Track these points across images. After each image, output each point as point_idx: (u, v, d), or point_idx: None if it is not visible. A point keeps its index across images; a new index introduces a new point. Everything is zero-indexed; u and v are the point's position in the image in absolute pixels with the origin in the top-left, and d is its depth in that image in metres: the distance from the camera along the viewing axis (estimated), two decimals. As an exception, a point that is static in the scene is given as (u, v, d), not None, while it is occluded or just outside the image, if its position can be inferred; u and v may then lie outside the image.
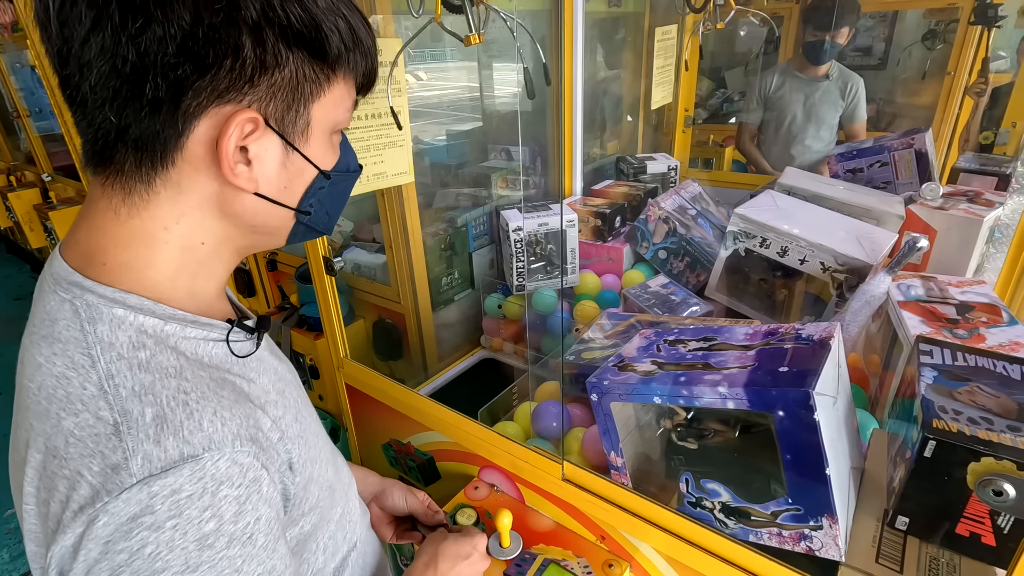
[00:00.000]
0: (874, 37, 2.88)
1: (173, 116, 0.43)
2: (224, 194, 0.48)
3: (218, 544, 0.42)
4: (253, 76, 0.44)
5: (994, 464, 0.55)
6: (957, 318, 0.95)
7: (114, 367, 0.43)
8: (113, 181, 0.46)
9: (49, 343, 0.45)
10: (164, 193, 0.47)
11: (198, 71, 0.42)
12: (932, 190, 1.31)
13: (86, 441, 0.42)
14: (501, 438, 0.98)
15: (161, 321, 0.47)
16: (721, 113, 3.31)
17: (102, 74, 0.42)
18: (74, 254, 0.48)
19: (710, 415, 0.82)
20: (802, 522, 0.68)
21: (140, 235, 0.47)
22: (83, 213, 0.49)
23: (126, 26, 0.40)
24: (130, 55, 0.41)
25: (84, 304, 0.45)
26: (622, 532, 0.86)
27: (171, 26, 0.40)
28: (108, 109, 0.43)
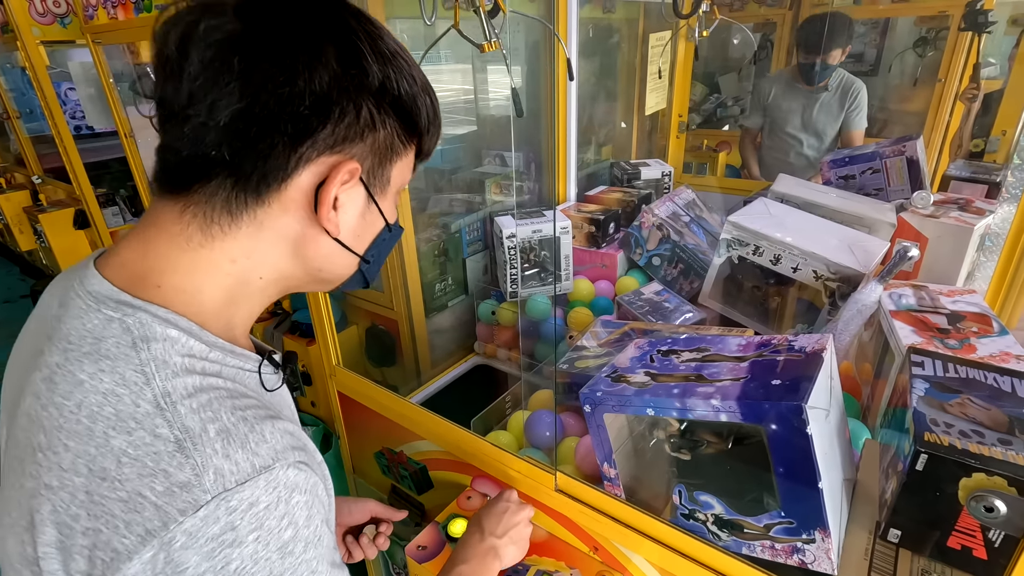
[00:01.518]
0: (866, 44, 2.90)
1: (287, 160, 0.47)
2: (304, 236, 0.51)
3: (297, 549, 0.44)
4: (363, 133, 0.50)
5: (985, 480, 0.56)
6: (948, 328, 0.95)
7: (170, 384, 0.43)
8: (195, 209, 0.48)
9: (94, 360, 0.44)
10: (246, 229, 0.49)
11: (323, 123, 0.47)
12: (923, 198, 1.32)
13: (144, 460, 0.41)
14: (494, 448, 0.98)
15: (206, 348, 0.48)
16: (715, 118, 3.33)
17: (233, 116, 0.45)
18: (120, 274, 0.48)
19: (704, 426, 0.82)
20: (795, 535, 0.68)
21: (205, 264, 0.49)
22: (142, 234, 0.50)
23: (274, 78, 0.45)
24: (269, 103, 0.45)
25: (137, 322, 0.46)
26: (615, 543, 0.86)
27: (312, 83, 0.45)
28: (225, 146, 0.46)
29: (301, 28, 0.46)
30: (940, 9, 2.48)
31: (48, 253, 2.99)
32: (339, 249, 0.53)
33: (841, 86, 2.12)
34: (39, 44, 2.57)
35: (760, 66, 3.12)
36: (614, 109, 2.33)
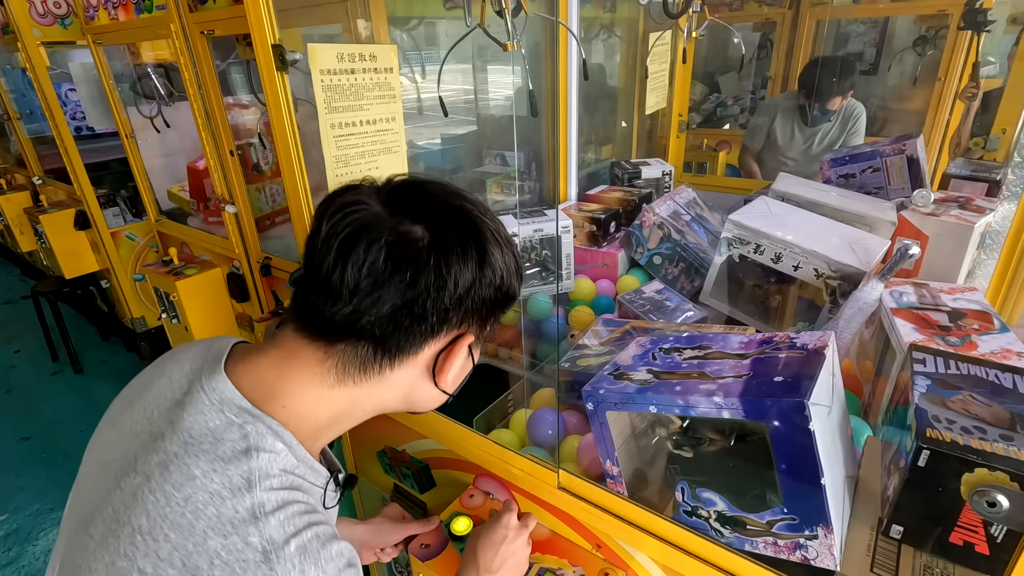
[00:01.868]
0: (865, 43, 2.90)
1: (424, 340, 0.59)
2: (415, 386, 0.63)
3: None
4: (485, 319, 0.63)
5: (987, 475, 0.56)
6: (949, 325, 0.95)
7: (266, 497, 0.50)
8: (335, 360, 0.58)
9: (210, 459, 0.51)
10: (372, 381, 0.59)
11: (460, 316, 0.59)
12: (923, 196, 1.32)
13: (233, 565, 0.47)
14: (496, 446, 0.98)
15: (299, 463, 0.56)
16: (715, 118, 3.33)
17: (394, 308, 0.55)
18: (253, 388, 0.56)
19: (706, 424, 0.83)
20: (797, 531, 0.68)
21: (328, 400, 0.59)
22: (282, 362, 0.58)
23: (433, 285, 0.55)
24: (426, 304, 0.56)
25: (254, 431, 0.53)
26: (618, 541, 0.86)
27: (457, 287, 0.57)
28: (376, 327, 0.56)
29: (448, 236, 0.56)
30: (939, 8, 2.49)
31: (49, 254, 2.99)
32: (438, 393, 0.65)
33: (842, 114, 2.13)
34: (40, 45, 2.57)
35: (760, 65, 3.12)
36: (614, 108, 2.33)
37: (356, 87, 1.13)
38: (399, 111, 1.22)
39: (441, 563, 0.91)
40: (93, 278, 3.16)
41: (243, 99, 2.25)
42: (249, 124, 2.18)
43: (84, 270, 3.05)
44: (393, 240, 0.54)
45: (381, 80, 1.17)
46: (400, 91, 1.22)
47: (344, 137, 1.14)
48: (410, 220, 0.56)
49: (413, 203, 0.57)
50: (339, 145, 1.13)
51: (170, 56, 1.81)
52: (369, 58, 1.14)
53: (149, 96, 2.40)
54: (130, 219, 2.99)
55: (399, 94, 1.21)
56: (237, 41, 1.77)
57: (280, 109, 1.07)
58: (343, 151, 1.14)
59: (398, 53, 1.19)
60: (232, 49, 1.96)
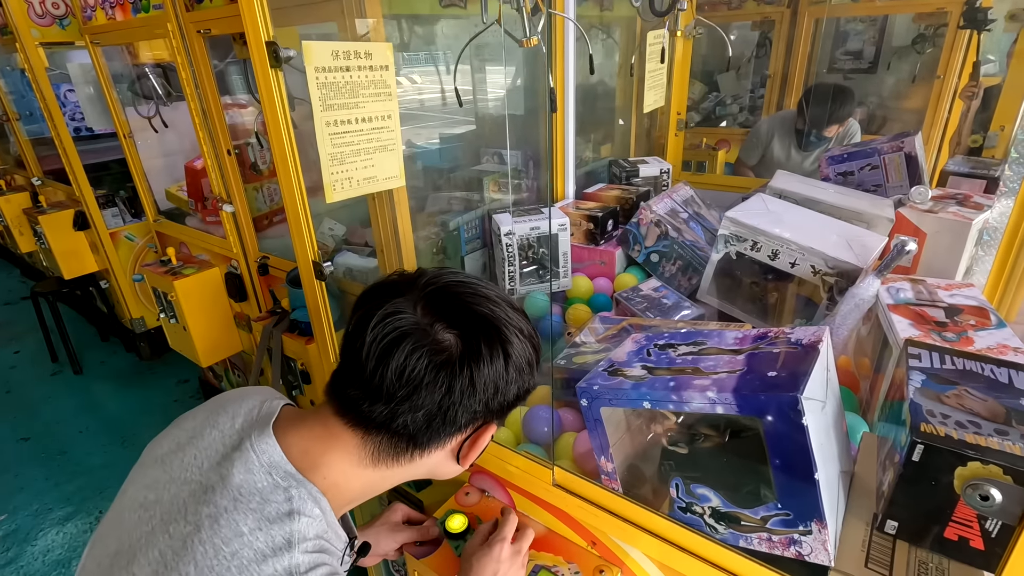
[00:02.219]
0: (864, 41, 2.90)
1: (452, 434, 0.65)
2: (440, 464, 0.68)
3: None
4: (507, 411, 0.68)
5: (981, 468, 0.55)
6: (946, 321, 0.95)
7: (302, 559, 0.55)
8: (371, 447, 0.63)
9: (257, 518, 0.55)
10: (404, 464, 0.65)
11: (487, 416, 0.66)
12: (921, 193, 1.31)
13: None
14: (492, 443, 0.97)
15: (328, 528, 0.61)
16: (714, 116, 3.33)
17: (428, 413, 0.60)
18: (299, 456, 0.61)
19: (700, 420, 0.82)
20: (791, 527, 0.68)
21: (363, 478, 0.64)
22: (325, 440, 0.63)
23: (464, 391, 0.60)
24: (458, 411, 0.61)
25: (298, 495, 0.58)
26: (613, 537, 0.86)
27: (486, 392, 0.62)
28: (411, 426, 0.61)
29: (489, 346, 0.60)
30: (938, 6, 2.48)
31: (48, 255, 2.99)
32: (460, 467, 0.70)
33: (837, 138, 2.14)
34: (38, 46, 2.58)
35: (758, 64, 3.12)
36: (613, 107, 2.33)
37: (351, 85, 1.12)
38: (395, 109, 1.22)
39: (436, 561, 0.90)
40: (92, 279, 3.17)
41: (241, 99, 2.25)
42: (247, 124, 2.18)
43: (83, 271, 3.05)
44: (431, 349, 0.59)
45: (377, 78, 1.17)
46: (396, 89, 1.22)
47: (339, 135, 1.14)
48: (444, 327, 0.60)
49: (446, 309, 0.61)
50: (334, 143, 1.13)
51: (168, 56, 1.81)
52: (364, 55, 1.14)
53: (147, 96, 2.40)
54: (129, 219, 2.99)
55: (395, 92, 1.21)
56: (234, 40, 1.77)
57: (274, 107, 1.07)
58: (338, 149, 1.14)
59: (394, 51, 1.19)
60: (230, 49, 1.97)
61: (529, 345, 0.66)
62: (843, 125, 2.07)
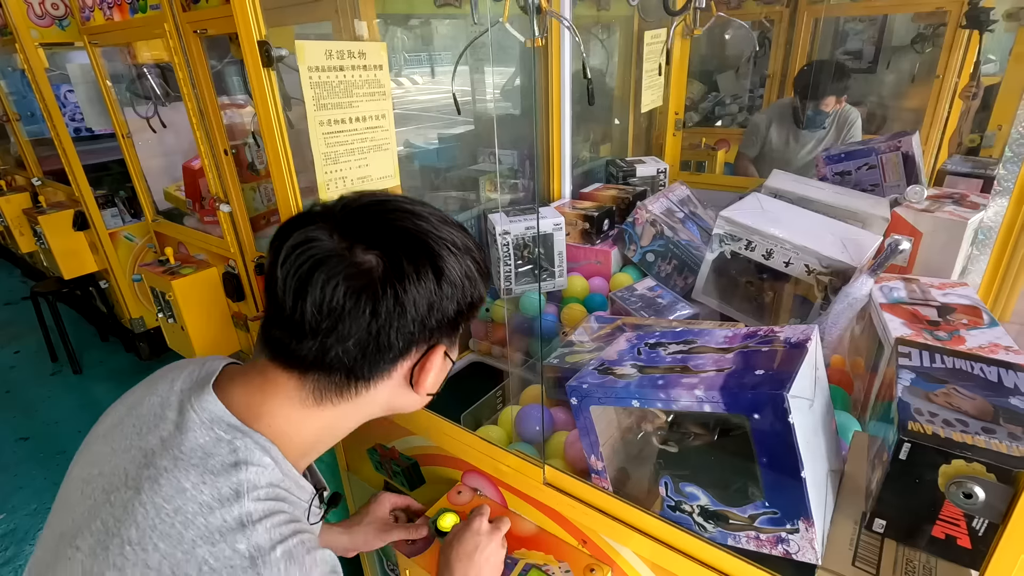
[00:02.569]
0: (864, 41, 2.89)
1: (396, 360, 0.61)
2: (395, 396, 0.64)
3: None
4: (455, 329, 0.64)
5: (964, 466, 0.55)
6: (938, 320, 0.95)
7: (254, 507, 0.52)
8: (311, 386, 0.59)
9: (199, 472, 0.52)
10: (352, 401, 0.61)
11: (427, 333, 0.61)
12: (916, 192, 1.31)
13: (220, 572, 0.48)
14: (483, 442, 0.98)
15: (284, 477, 0.58)
16: (713, 116, 3.33)
17: (359, 341, 0.57)
18: (240, 407, 0.58)
19: (690, 418, 0.82)
20: (779, 525, 0.68)
21: (312, 420, 0.61)
22: (263, 387, 0.60)
23: (393, 312, 0.56)
24: (390, 333, 0.57)
25: (243, 446, 0.55)
26: (603, 536, 0.86)
27: (419, 309, 0.58)
28: (346, 358, 0.57)
29: (401, 262, 0.56)
30: (937, 5, 2.48)
31: (48, 255, 3.00)
32: (420, 396, 0.66)
33: (837, 120, 2.13)
34: (38, 47, 2.59)
35: (758, 64, 3.12)
36: (610, 107, 2.33)
37: (345, 84, 1.13)
38: (389, 108, 1.22)
39: (428, 559, 0.90)
40: (92, 279, 3.17)
41: (239, 99, 2.25)
42: (245, 124, 2.18)
43: (83, 271, 3.06)
44: (348, 274, 0.55)
45: (371, 77, 1.17)
46: (390, 88, 1.22)
47: (333, 135, 1.14)
48: (363, 248, 0.56)
49: (365, 229, 0.57)
50: (328, 143, 1.13)
51: (166, 56, 1.81)
52: (358, 55, 1.14)
53: (146, 97, 2.41)
54: (128, 220, 3.00)
55: (389, 91, 1.21)
56: (231, 40, 1.78)
57: (267, 106, 1.07)
58: (332, 148, 1.14)
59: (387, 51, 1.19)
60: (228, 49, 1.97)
61: (467, 259, 0.61)
62: (840, 103, 2.06)
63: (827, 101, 2.02)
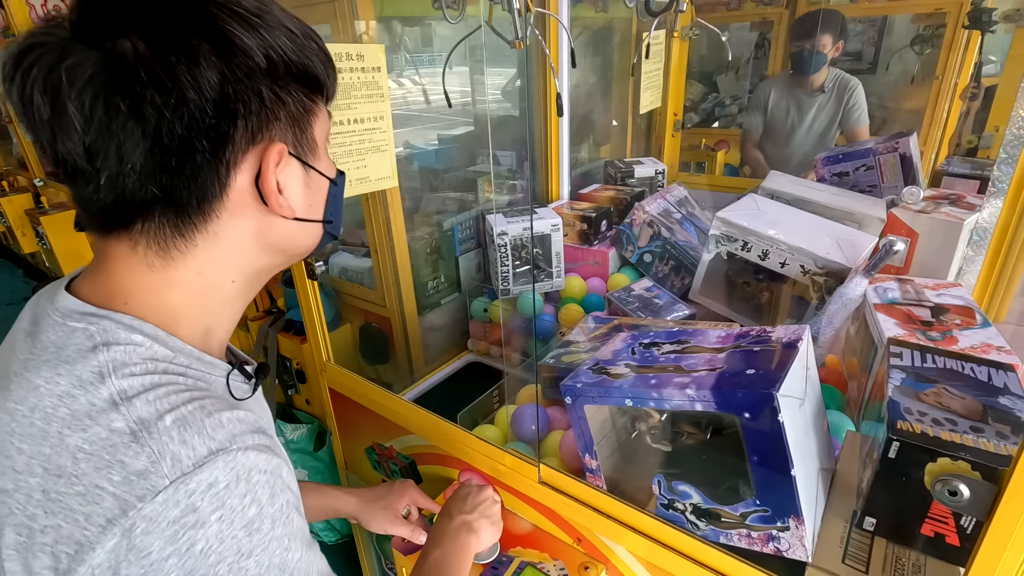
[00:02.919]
0: (864, 42, 2.90)
1: (216, 171, 0.47)
2: (261, 229, 0.52)
3: (264, 527, 0.43)
4: (275, 112, 0.49)
5: (950, 464, 0.56)
6: (931, 320, 0.95)
7: (126, 383, 0.43)
8: (146, 241, 0.48)
9: (52, 366, 0.44)
10: (202, 244, 0.49)
11: (232, 124, 0.46)
12: (913, 193, 1.32)
13: (99, 454, 0.41)
14: (479, 441, 0.98)
15: (171, 353, 0.48)
16: (713, 117, 3.33)
17: (145, 156, 0.44)
18: (91, 293, 0.49)
19: (683, 418, 0.83)
20: (769, 523, 0.68)
21: (171, 282, 0.49)
22: (101, 266, 0.50)
23: (167, 103, 0.43)
24: (175, 129, 0.44)
25: (100, 329, 0.46)
26: (598, 534, 0.87)
27: (203, 91, 0.44)
28: (151, 185, 0.45)
29: (165, 37, 0.43)
30: (937, 6, 2.48)
31: (50, 255, 3.01)
32: (300, 225, 0.54)
33: (837, 86, 2.12)
34: (40, 48, 2.60)
35: (757, 64, 3.12)
36: (608, 108, 2.34)
37: (343, 86, 1.13)
38: (387, 110, 1.23)
39: (424, 557, 0.91)
40: (94, 279, 3.19)
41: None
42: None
43: (85, 271, 3.07)
44: (93, 75, 0.42)
45: (369, 79, 1.18)
46: (388, 90, 1.23)
47: (331, 136, 1.15)
48: (111, 39, 0.42)
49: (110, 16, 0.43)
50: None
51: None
52: (356, 57, 1.15)
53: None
54: (130, 220, 3.01)
55: (387, 93, 1.22)
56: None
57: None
58: (331, 149, 1.15)
59: (385, 52, 1.20)
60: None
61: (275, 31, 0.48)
62: (837, 49, 2.05)
63: (824, 41, 2.01)
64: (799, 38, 2.06)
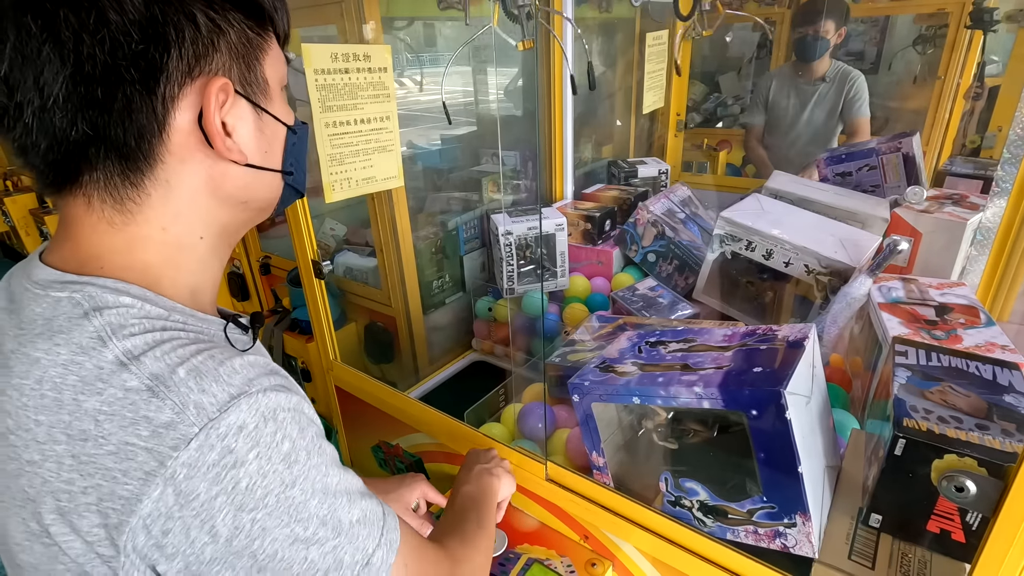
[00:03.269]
0: (866, 42, 2.90)
1: (152, 106, 0.44)
2: (214, 177, 0.49)
3: (300, 458, 0.44)
4: (213, 42, 0.45)
5: (956, 461, 0.57)
6: (935, 319, 0.96)
7: (129, 343, 0.42)
8: (99, 195, 0.46)
9: (47, 337, 0.43)
10: (155, 194, 0.47)
11: (164, 51, 0.43)
12: (916, 193, 1.32)
13: (122, 412, 0.40)
14: (486, 439, 0.99)
15: (165, 311, 0.46)
16: (715, 117, 3.34)
17: (67, 84, 0.41)
18: (62, 262, 0.47)
19: (689, 415, 0.84)
20: (776, 520, 0.69)
21: (138, 239, 0.47)
22: (65, 233, 0.48)
23: (85, 25, 0.39)
24: (96, 54, 0.40)
25: (86, 295, 0.44)
26: (604, 531, 0.87)
27: (126, 12, 0.40)
28: (80, 121, 0.42)
29: None
30: (939, 6, 2.48)
31: (54, 254, 3.02)
32: (256, 174, 0.51)
33: (838, 77, 2.12)
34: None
35: (759, 64, 3.13)
36: (611, 108, 2.34)
37: (350, 86, 1.14)
38: (393, 110, 1.23)
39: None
40: (98, 278, 3.20)
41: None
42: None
43: (89, 270, 3.08)
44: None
45: (375, 79, 1.19)
46: (394, 90, 1.23)
47: (338, 136, 1.16)
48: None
49: None
50: (333, 144, 1.15)
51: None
52: (363, 58, 1.15)
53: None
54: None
55: (393, 93, 1.23)
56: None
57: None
58: (337, 150, 1.16)
59: (392, 54, 1.21)
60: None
61: None
62: (840, 35, 2.06)
63: (827, 27, 2.01)
64: (802, 24, 2.06)
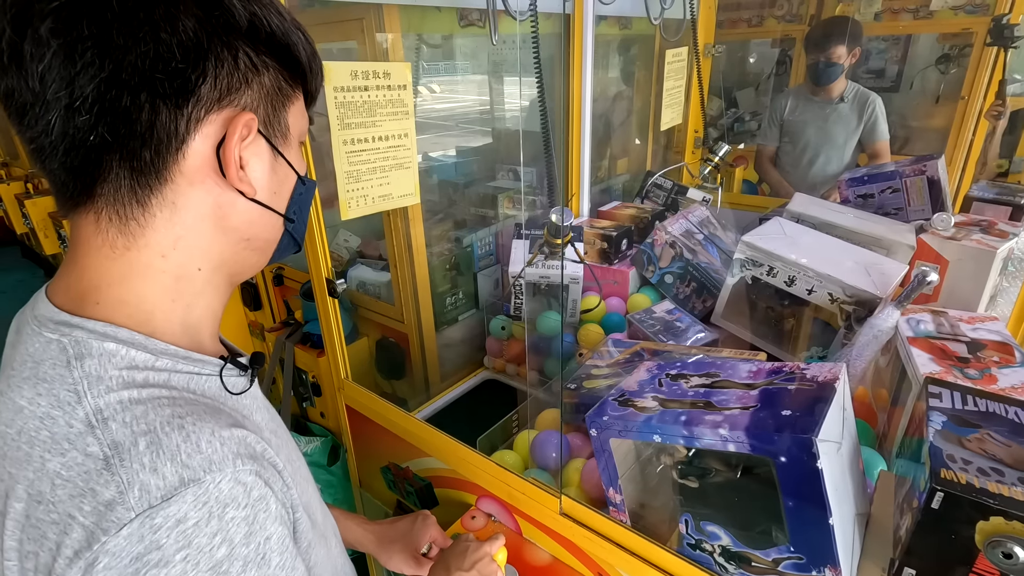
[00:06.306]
0: (887, 60, 2.87)
1: (175, 125, 0.44)
2: (221, 206, 0.49)
3: (232, 570, 0.40)
4: (247, 79, 0.47)
5: (1004, 524, 0.53)
6: (968, 356, 0.92)
7: (102, 401, 0.42)
8: (108, 212, 0.46)
9: (32, 384, 0.43)
10: (160, 215, 0.46)
11: (201, 76, 0.44)
12: (943, 220, 1.29)
13: (75, 481, 0.39)
14: (498, 468, 0.97)
15: (152, 356, 0.45)
16: (732, 133, 3.31)
17: (99, 87, 0.41)
18: (64, 298, 0.47)
19: (712, 454, 0.81)
20: (804, 571, 0.66)
21: (136, 267, 0.47)
22: (72, 256, 0.48)
23: (134, 35, 0.41)
24: (137, 64, 0.41)
25: (72, 341, 0.44)
26: (620, 570, 0.84)
27: (176, 33, 0.42)
28: (102, 125, 0.42)
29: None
30: (964, 26, 2.45)
31: (71, 258, 3.05)
32: (261, 211, 0.51)
33: (856, 98, 2.10)
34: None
35: (778, 80, 3.10)
36: (629, 124, 2.33)
37: (369, 104, 1.13)
38: (412, 127, 1.22)
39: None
40: (112, 282, 3.22)
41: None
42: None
43: (104, 274, 3.10)
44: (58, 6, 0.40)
45: (394, 97, 1.18)
46: (413, 107, 1.22)
47: (356, 153, 1.15)
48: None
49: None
50: (351, 161, 1.14)
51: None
52: (383, 75, 1.15)
53: None
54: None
55: (412, 110, 1.22)
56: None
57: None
58: (355, 167, 1.15)
59: (411, 69, 1.20)
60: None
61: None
62: (853, 56, 2.03)
63: (838, 52, 1.99)
64: (813, 51, 2.05)
